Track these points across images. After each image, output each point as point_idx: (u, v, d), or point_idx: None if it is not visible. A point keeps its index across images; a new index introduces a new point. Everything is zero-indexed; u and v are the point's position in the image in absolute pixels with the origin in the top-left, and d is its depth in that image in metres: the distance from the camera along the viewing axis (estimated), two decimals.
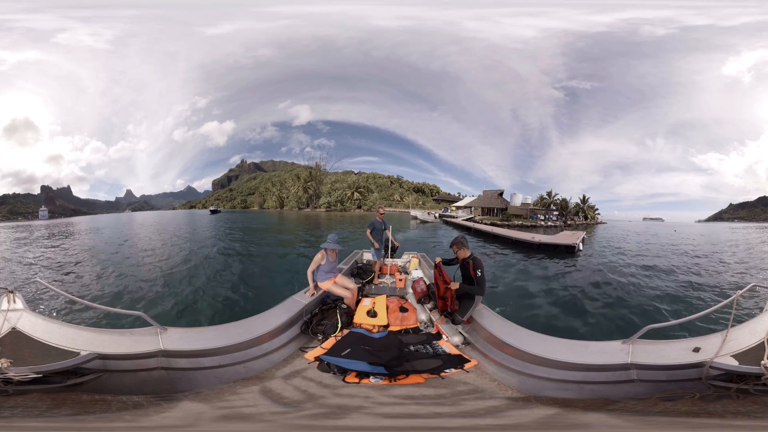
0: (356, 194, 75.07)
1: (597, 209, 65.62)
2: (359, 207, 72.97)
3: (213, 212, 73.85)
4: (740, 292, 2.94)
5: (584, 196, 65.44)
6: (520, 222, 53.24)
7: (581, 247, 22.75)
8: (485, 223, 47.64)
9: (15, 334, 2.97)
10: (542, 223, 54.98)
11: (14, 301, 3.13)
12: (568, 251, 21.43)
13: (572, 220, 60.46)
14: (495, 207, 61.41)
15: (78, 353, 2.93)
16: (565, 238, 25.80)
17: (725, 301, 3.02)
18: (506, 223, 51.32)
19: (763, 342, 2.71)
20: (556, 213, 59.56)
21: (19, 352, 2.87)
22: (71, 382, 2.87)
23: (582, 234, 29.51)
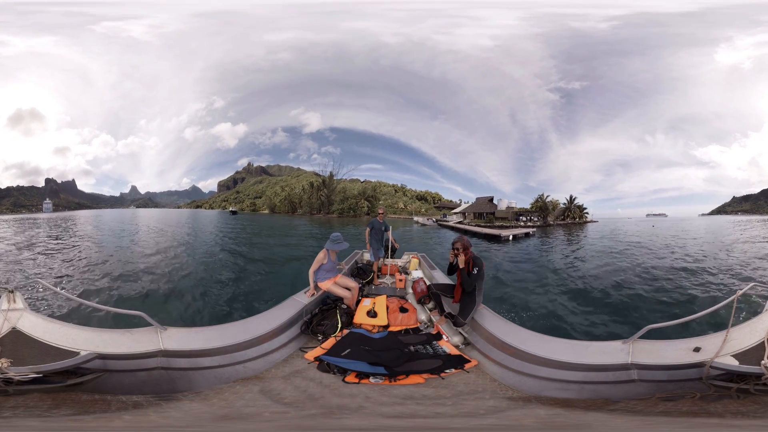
0: (365, 202, 77.05)
1: (585, 209, 66.11)
2: (368, 213, 76.98)
3: (233, 213, 76.49)
4: (740, 291, 2.93)
5: (571, 197, 65.95)
6: (500, 224, 57.08)
7: (510, 238, 33.30)
8: (470, 225, 54.33)
9: (15, 334, 2.97)
10: (522, 224, 58.33)
11: (14, 301, 3.13)
12: (496, 239, 32.56)
13: (555, 220, 61.17)
14: (485, 211, 64.27)
15: (78, 353, 2.94)
16: (503, 231, 37.38)
17: (725, 301, 3.02)
18: (488, 224, 56.12)
19: (763, 342, 2.71)
20: (536, 215, 61.12)
21: (19, 352, 2.87)
22: (71, 382, 2.87)
23: (526, 230, 40.92)
